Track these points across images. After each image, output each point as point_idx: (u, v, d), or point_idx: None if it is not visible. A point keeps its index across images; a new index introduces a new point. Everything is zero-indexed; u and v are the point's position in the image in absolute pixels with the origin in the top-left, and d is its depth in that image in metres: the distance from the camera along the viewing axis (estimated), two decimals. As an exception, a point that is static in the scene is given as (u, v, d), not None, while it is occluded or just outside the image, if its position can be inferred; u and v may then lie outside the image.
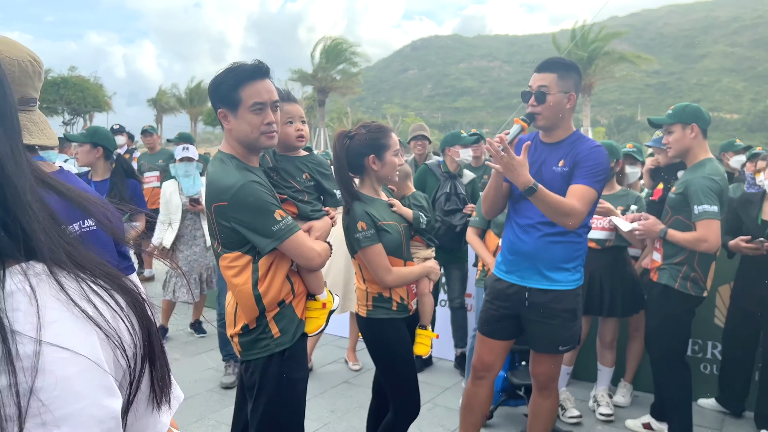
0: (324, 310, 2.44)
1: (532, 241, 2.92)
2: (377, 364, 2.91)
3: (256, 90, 2.16)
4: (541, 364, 3.10)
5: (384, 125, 2.93)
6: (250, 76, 2.16)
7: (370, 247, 2.70)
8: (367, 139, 2.79)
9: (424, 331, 2.96)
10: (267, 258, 2.21)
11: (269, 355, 2.25)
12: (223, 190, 2.12)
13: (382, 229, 2.75)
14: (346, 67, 41.75)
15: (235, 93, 2.14)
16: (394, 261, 2.79)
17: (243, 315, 2.24)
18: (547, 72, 2.86)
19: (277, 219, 2.14)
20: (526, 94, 2.89)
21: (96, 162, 4.31)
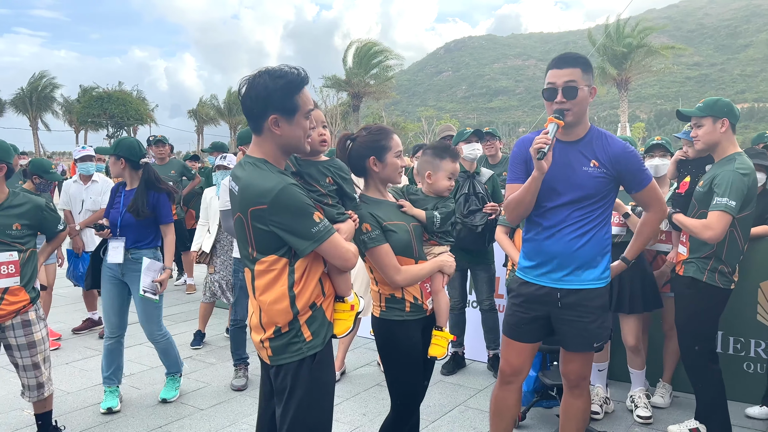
0: (352, 312, 2.44)
1: (562, 242, 2.88)
2: (384, 364, 2.90)
3: (307, 97, 2.24)
4: (573, 363, 3.05)
5: (385, 127, 2.91)
6: (303, 83, 2.23)
7: (377, 247, 2.69)
8: (367, 141, 2.79)
9: (440, 333, 2.92)
10: (303, 260, 2.23)
11: (301, 359, 2.26)
12: (263, 194, 2.12)
13: (388, 229, 2.74)
14: (380, 71, 41.85)
15: (291, 100, 2.18)
16: (404, 261, 2.77)
17: (276, 318, 2.25)
18: (571, 67, 2.81)
19: (316, 221, 2.17)
20: (552, 91, 2.82)
21: (122, 172, 4.40)
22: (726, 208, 3.30)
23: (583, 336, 2.95)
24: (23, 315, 3.55)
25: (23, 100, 51.57)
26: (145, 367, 5.29)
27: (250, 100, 2.20)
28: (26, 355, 3.58)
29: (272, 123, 2.20)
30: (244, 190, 2.19)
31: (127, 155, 4.31)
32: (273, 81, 2.17)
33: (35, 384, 3.64)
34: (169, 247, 4.45)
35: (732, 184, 3.29)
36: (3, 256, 3.48)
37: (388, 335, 2.82)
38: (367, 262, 2.80)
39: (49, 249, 3.98)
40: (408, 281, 2.75)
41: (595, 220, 2.89)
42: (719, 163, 3.48)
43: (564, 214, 2.86)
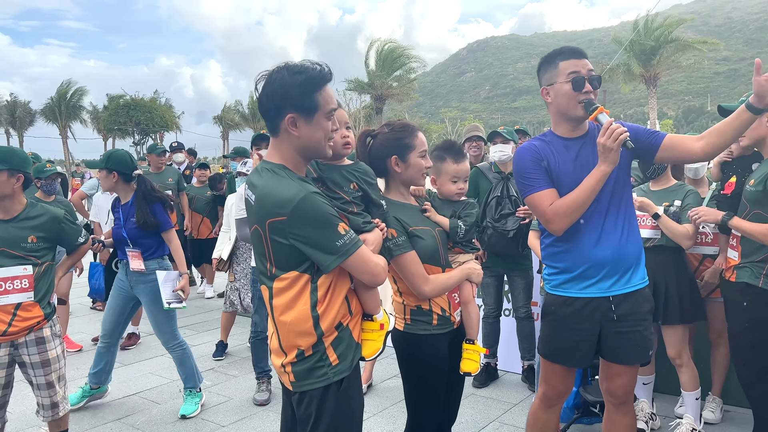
0: (381, 332, 2.22)
1: (611, 245, 2.63)
2: (404, 378, 2.68)
3: (330, 95, 2.03)
4: (622, 377, 2.79)
5: (410, 123, 2.68)
6: (324, 80, 2.02)
7: (403, 255, 2.46)
8: (389, 138, 2.57)
9: (471, 346, 2.69)
10: (327, 276, 2.02)
11: (326, 385, 2.05)
12: (282, 204, 1.92)
13: (414, 235, 2.52)
14: (402, 73, 41.59)
15: (311, 97, 1.98)
16: (431, 269, 2.55)
17: (298, 340, 2.04)
18: (585, 58, 2.66)
19: (341, 233, 1.96)
20: (580, 79, 2.58)
21: (115, 186, 4.35)
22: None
23: (640, 346, 2.72)
24: (37, 332, 3.40)
25: (52, 109, 52.53)
26: (165, 380, 5.14)
27: (266, 98, 2.01)
28: (40, 374, 3.44)
29: (289, 123, 2.00)
30: (261, 200, 1.99)
31: (120, 168, 4.28)
32: (291, 77, 1.97)
33: (49, 403, 3.50)
34: (177, 252, 4.41)
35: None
36: (16, 270, 3.34)
37: (412, 350, 2.60)
38: (390, 270, 2.58)
39: (69, 263, 3.83)
40: (437, 291, 2.53)
41: (629, 211, 2.69)
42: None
43: (603, 212, 2.63)
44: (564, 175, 2.63)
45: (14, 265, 3.32)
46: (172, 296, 4.27)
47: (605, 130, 2.47)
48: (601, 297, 2.67)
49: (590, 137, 2.69)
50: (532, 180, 2.66)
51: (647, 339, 2.73)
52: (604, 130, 2.48)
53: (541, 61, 2.75)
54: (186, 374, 4.46)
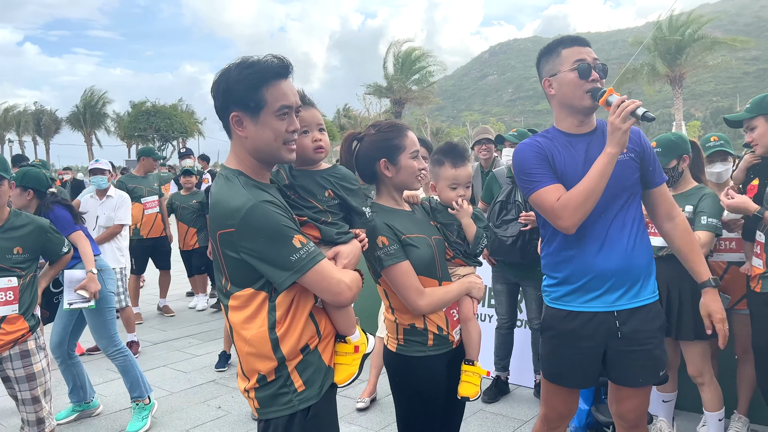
0: (357, 355, 2.02)
1: (616, 255, 2.39)
2: (396, 403, 2.46)
3: (282, 91, 1.81)
4: (632, 399, 2.54)
5: (398, 123, 2.45)
6: (275, 75, 1.81)
7: (396, 265, 2.24)
8: (376, 140, 2.35)
9: (471, 368, 2.45)
10: (286, 294, 1.82)
11: (291, 414, 1.87)
12: (229, 214, 1.74)
13: (407, 243, 2.30)
14: (421, 76, 41.40)
15: (257, 93, 1.78)
16: (427, 281, 2.32)
17: (256, 365, 1.86)
18: (590, 46, 2.45)
19: (297, 246, 1.76)
20: (587, 67, 2.36)
21: (29, 204, 4.18)
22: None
23: (648, 367, 2.48)
24: (21, 345, 3.27)
25: (77, 117, 53.43)
26: (164, 393, 4.98)
27: (214, 96, 1.84)
28: (25, 388, 3.31)
29: (234, 122, 1.82)
30: (212, 210, 1.82)
31: (36, 186, 4.15)
32: (238, 71, 1.78)
33: (35, 419, 3.36)
34: (84, 251, 4.19)
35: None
36: (1, 282, 3.21)
37: (406, 374, 2.38)
38: (382, 284, 2.37)
39: (52, 273, 3.71)
40: (433, 307, 2.30)
41: (638, 219, 2.46)
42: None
43: (610, 218, 2.40)
44: (571, 174, 2.38)
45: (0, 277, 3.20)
46: (75, 297, 4.14)
47: (615, 107, 2.24)
48: (606, 311, 2.43)
49: (599, 133, 2.44)
50: (536, 176, 2.40)
51: (657, 358, 2.49)
52: (614, 108, 2.25)
53: (541, 52, 2.53)
54: (131, 383, 4.30)
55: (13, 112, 58.53)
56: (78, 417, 4.46)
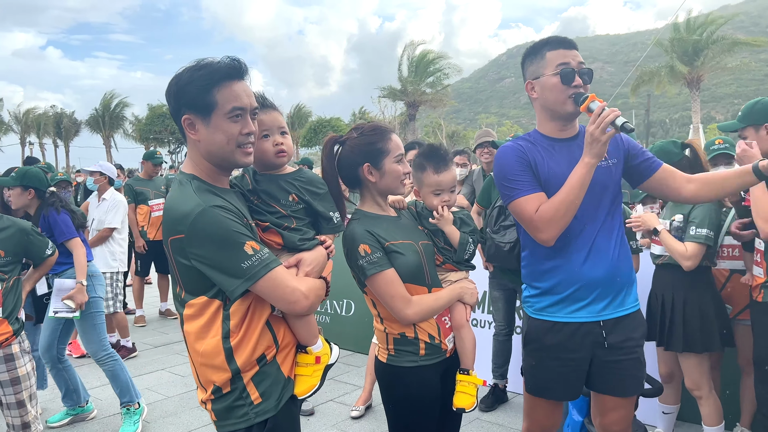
0: (318, 366, 1.96)
1: (604, 263, 2.32)
2: (388, 415, 2.38)
3: (234, 92, 1.76)
4: (616, 411, 2.46)
5: (381, 126, 2.36)
6: (226, 76, 1.75)
7: (379, 274, 2.16)
8: (359, 144, 2.27)
9: (466, 377, 2.37)
10: (241, 302, 1.76)
11: (248, 427, 1.81)
12: (179, 220, 1.69)
13: (392, 250, 2.21)
14: (435, 79, 41.23)
15: (207, 95, 1.73)
16: (415, 289, 2.24)
17: (210, 375, 1.81)
18: (575, 49, 2.34)
19: (249, 253, 1.70)
20: (570, 72, 2.27)
21: (30, 203, 4.22)
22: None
23: (635, 376, 2.43)
24: (5, 349, 3.26)
25: (96, 120, 54.11)
26: (160, 397, 4.96)
27: (167, 99, 1.79)
28: (10, 392, 3.29)
29: (186, 125, 1.77)
30: (164, 216, 1.77)
31: (36, 185, 4.18)
32: (189, 73, 1.74)
33: (20, 423, 3.34)
34: (78, 260, 4.18)
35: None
36: None
37: (397, 385, 2.30)
38: (368, 294, 2.30)
39: (36, 276, 3.70)
40: (422, 315, 2.22)
41: (622, 228, 2.41)
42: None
43: (597, 226, 2.32)
44: (554, 180, 2.30)
45: None
46: (62, 306, 4.14)
47: (595, 116, 2.15)
48: (592, 322, 2.35)
49: (581, 140, 2.34)
50: (517, 183, 2.31)
51: (641, 369, 2.45)
52: (594, 116, 2.15)
53: (526, 53, 2.44)
54: (120, 388, 4.28)
55: (34, 114, 59.43)
56: (71, 421, 4.44)
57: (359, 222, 2.24)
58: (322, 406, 4.63)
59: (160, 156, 7.76)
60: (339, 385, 5.08)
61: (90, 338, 4.29)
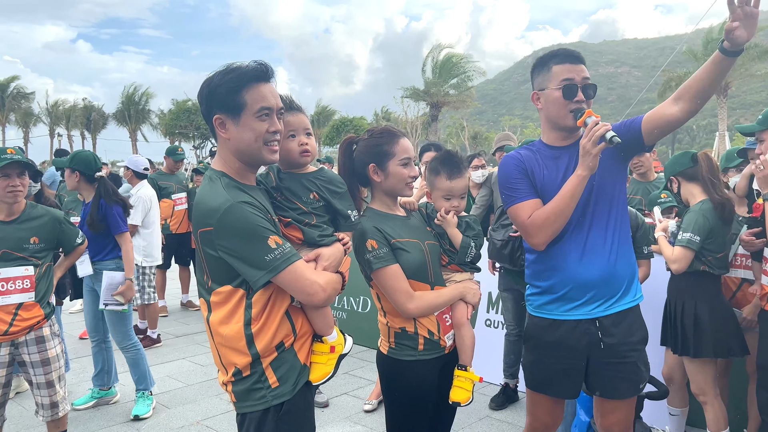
0: (333, 355, 2.06)
1: (601, 263, 2.39)
2: (386, 404, 2.50)
3: (262, 93, 1.89)
4: (615, 413, 2.54)
5: (391, 129, 2.49)
6: (254, 78, 1.89)
7: (384, 268, 2.28)
8: (368, 145, 2.40)
9: (463, 373, 2.46)
10: (263, 292, 1.89)
11: (265, 409, 1.93)
12: (209, 213, 1.82)
13: (397, 247, 2.33)
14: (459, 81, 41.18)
15: (237, 96, 1.86)
16: (417, 285, 2.35)
17: (232, 358, 1.93)
18: (582, 63, 2.42)
19: (272, 247, 1.82)
20: (572, 87, 2.37)
21: (77, 185, 4.47)
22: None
23: (632, 380, 2.48)
24: (37, 331, 3.42)
25: (123, 113, 55.05)
26: (180, 385, 5.13)
27: (200, 101, 1.93)
28: (40, 373, 3.45)
29: (217, 125, 1.90)
30: (194, 209, 1.90)
31: (82, 168, 4.38)
32: (220, 76, 1.87)
33: (49, 403, 3.50)
34: (127, 256, 4.42)
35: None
36: (18, 271, 3.37)
37: (396, 377, 2.41)
38: (374, 287, 2.41)
39: (67, 263, 3.87)
40: (423, 310, 2.33)
41: (620, 227, 2.44)
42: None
43: (587, 227, 2.41)
44: (549, 187, 2.42)
45: (16, 266, 3.35)
46: (111, 299, 4.36)
47: (588, 130, 2.25)
48: (588, 320, 2.43)
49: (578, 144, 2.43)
50: (515, 190, 2.45)
51: (640, 370, 2.49)
52: (587, 130, 2.26)
53: (535, 63, 2.54)
54: (138, 376, 4.51)
55: (63, 106, 60.60)
56: (96, 404, 4.63)
57: (368, 219, 2.36)
58: (336, 399, 4.75)
59: (181, 153, 7.96)
60: (353, 379, 5.20)
61: (116, 328, 4.47)
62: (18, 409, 4.55)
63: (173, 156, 7.78)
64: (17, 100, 58.25)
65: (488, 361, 4.89)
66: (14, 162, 3.29)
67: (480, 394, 4.78)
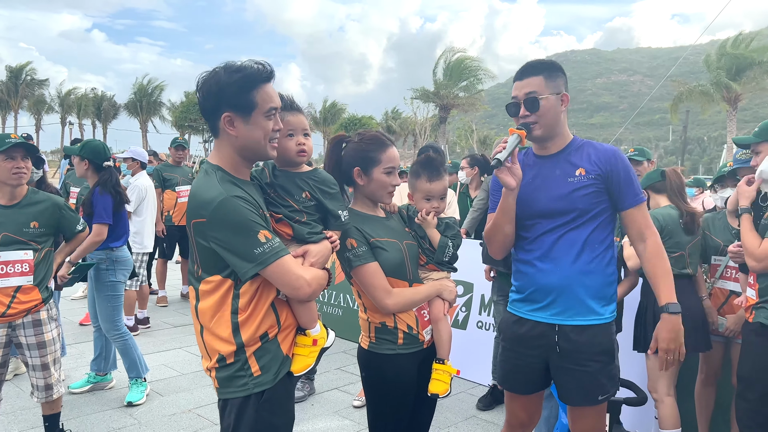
0: (315, 348, 2.14)
1: (559, 271, 2.47)
2: (367, 397, 2.57)
3: (269, 94, 1.98)
4: (582, 420, 2.58)
5: (381, 136, 2.56)
6: (265, 79, 1.98)
7: (363, 266, 2.37)
8: (356, 149, 2.48)
9: (441, 366, 2.54)
10: (250, 284, 1.97)
11: (246, 396, 2.01)
12: (202, 205, 1.89)
13: (376, 246, 2.42)
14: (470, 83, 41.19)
15: (248, 95, 1.94)
16: (396, 283, 2.44)
17: (217, 346, 2.00)
18: (531, 76, 2.49)
19: (261, 241, 1.90)
20: (513, 106, 2.51)
21: (85, 173, 4.59)
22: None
23: (584, 388, 2.50)
24: (34, 314, 3.51)
25: (134, 104, 55.40)
26: (174, 373, 5.22)
27: (203, 97, 1.99)
28: (36, 355, 3.54)
29: (226, 122, 1.96)
30: (189, 201, 1.98)
31: (91, 157, 4.50)
32: (228, 75, 1.94)
33: (44, 385, 3.59)
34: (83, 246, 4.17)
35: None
36: (18, 255, 3.45)
37: (376, 370, 2.49)
38: (354, 285, 2.50)
39: (68, 249, 3.96)
40: (400, 306, 2.42)
41: (595, 242, 2.47)
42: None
43: (556, 236, 2.48)
44: (521, 195, 2.51)
45: (15, 250, 3.43)
46: None
47: None
48: (547, 323, 2.52)
49: (565, 154, 2.53)
50: (493, 201, 2.62)
51: (599, 382, 2.49)
52: None
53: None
54: (129, 364, 4.60)
55: (75, 95, 60.99)
56: (92, 388, 4.73)
57: (351, 219, 2.42)
58: (327, 393, 4.83)
59: (182, 140, 8.24)
60: (345, 374, 5.28)
61: (105, 316, 4.55)
62: (15, 390, 4.65)
63: (173, 144, 8.02)
64: (31, 87, 58.70)
65: (478, 363, 4.95)
66: (18, 144, 3.38)
67: (468, 394, 4.86)
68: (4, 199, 3.44)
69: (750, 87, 33.37)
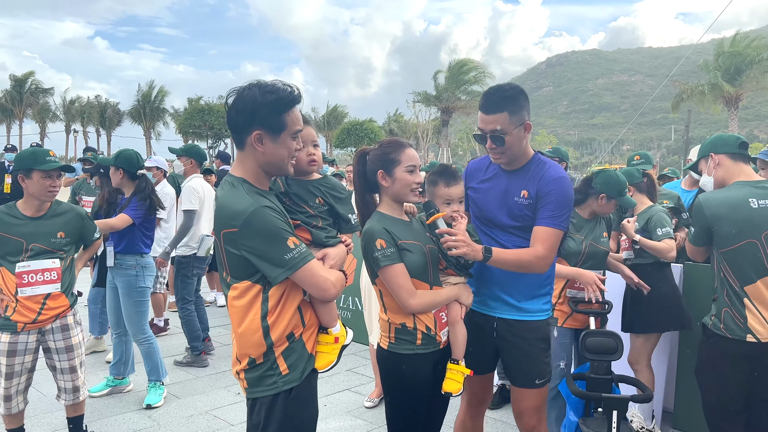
0: (336, 345, 2.29)
1: (495, 271, 2.80)
2: (385, 396, 2.73)
3: (297, 116, 2.13)
4: (523, 401, 2.92)
5: (399, 140, 2.73)
6: (294, 102, 2.12)
7: (391, 266, 2.50)
8: (377, 154, 2.64)
9: (455, 366, 2.70)
10: (278, 288, 2.10)
11: (275, 394, 2.14)
12: (234, 216, 2.01)
13: (403, 248, 2.56)
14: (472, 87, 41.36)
15: (280, 117, 2.08)
16: (418, 284, 2.58)
17: (248, 349, 2.14)
18: (496, 113, 2.68)
19: (290, 247, 2.04)
20: (480, 137, 2.77)
21: (120, 182, 4.73)
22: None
23: (523, 371, 2.88)
24: (62, 319, 3.67)
25: (138, 111, 55.69)
26: (190, 377, 5.37)
27: (235, 112, 2.11)
28: (64, 359, 3.70)
29: (255, 139, 2.10)
30: (217, 211, 2.11)
31: (126, 166, 4.65)
32: (262, 95, 2.07)
33: (71, 387, 3.75)
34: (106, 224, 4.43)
35: None
36: (47, 263, 3.61)
37: (394, 369, 2.63)
38: (378, 284, 2.63)
39: (86, 256, 4.12)
40: (423, 307, 2.56)
41: None
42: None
43: (502, 240, 2.83)
44: (484, 194, 2.87)
45: (45, 259, 3.59)
46: None
47: None
48: (487, 314, 2.90)
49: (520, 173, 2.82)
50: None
51: (532, 366, 2.84)
52: None
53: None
54: (151, 367, 4.76)
55: (79, 103, 61.32)
56: (110, 392, 4.88)
57: (377, 221, 2.58)
58: (339, 394, 4.97)
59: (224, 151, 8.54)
60: (356, 376, 5.42)
61: (132, 321, 4.70)
62: (37, 395, 4.79)
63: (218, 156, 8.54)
64: (35, 95, 59.05)
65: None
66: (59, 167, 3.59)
67: (477, 393, 4.99)
68: (31, 211, 3.59)
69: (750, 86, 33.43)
